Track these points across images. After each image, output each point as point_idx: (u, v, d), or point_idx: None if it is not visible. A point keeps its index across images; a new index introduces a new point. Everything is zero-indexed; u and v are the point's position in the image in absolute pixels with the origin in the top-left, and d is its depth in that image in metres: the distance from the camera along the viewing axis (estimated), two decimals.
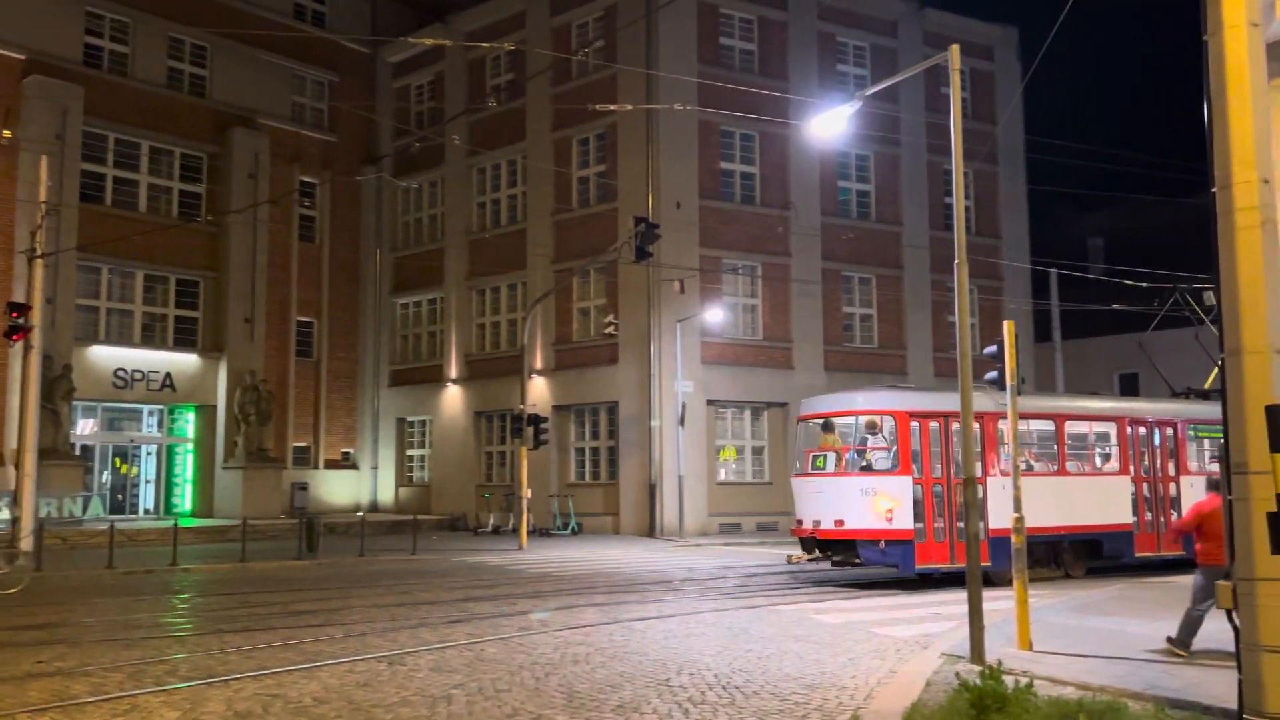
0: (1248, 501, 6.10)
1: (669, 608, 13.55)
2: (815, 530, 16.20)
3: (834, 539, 15.95)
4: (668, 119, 29.36)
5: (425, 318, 36.55)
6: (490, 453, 33.63)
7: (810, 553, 16.64)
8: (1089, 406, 18.81)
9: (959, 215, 10.11)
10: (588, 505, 29.98)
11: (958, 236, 10.05)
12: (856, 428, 16.65)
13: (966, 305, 10.00)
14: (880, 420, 16.22)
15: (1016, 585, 10.19)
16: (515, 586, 16.29)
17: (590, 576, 17.91)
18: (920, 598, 14.81)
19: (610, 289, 30.19)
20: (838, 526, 15.68)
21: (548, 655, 10.05)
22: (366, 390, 37.22)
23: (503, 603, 14.15)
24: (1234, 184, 6.30)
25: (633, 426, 28.93)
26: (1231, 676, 8.94)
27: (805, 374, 31.13)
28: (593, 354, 30.43)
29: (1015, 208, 36.29)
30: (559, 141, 31.87)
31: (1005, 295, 35.57)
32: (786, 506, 30.54)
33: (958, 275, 10.05)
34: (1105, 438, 18.33)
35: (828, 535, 16.00)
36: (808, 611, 13.20)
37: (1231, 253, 6.28)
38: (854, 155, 33.25)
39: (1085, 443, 18.22)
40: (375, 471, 36.90)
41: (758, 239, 30.74)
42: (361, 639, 11.05)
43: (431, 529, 31.56)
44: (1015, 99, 36.15)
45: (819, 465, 16.38)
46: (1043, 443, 17.59)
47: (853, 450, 16.43)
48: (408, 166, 36.81)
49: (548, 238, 31.70)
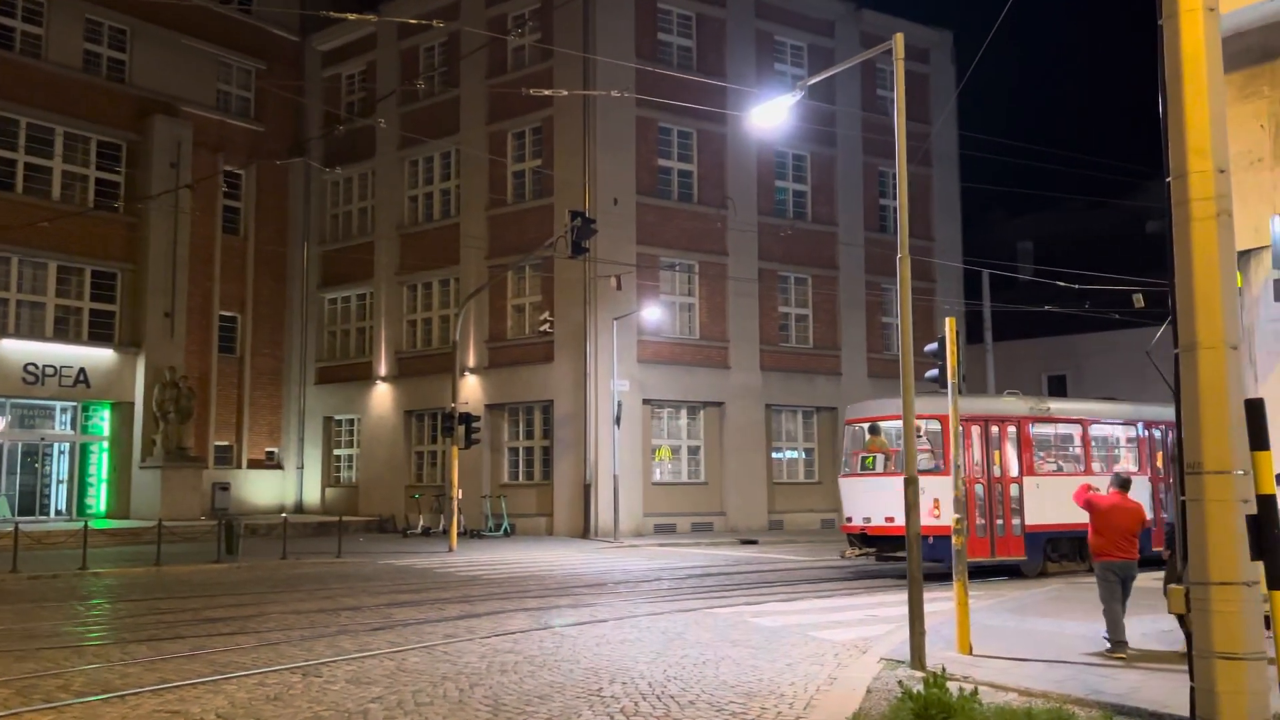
0: (1202, 503, 5.87)
1: (602, 612, 13.13)
2: (865, 526, 17.35)
3: (883, 535, 17.02)
4: (605, 114, 28.96)
5: (354, 313, 35.63)
6: (421, 452, 32.87)
7: (858, 548, 17.62)
8: (1110, 411, 19.97)
9: (902, 205, 9.87)
10: (521, 506, 29.43)
11: (901, 228, 9.81)
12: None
13: (909, 300, 9.77)
14: (925, 424, 16.87)
15: (956, 588, 9.98)
16: (443, 591, 15.73)
17: (522, 579, 17.42)
18: (858, 599, 14.60)
19: (546, 286, 29.67)
20: (888, 523, 16.75)
21: (474, 665, 9.57)
22: (292, 388, 36.17)
23: (428, 608, 13.59)
24: (1189, 173, 6.07)
25: (568, 426, 28.46)
26: (1173, 680, 8.81)
27: (741, 373, 30.96)
28: (527, 352, 29.88)
29: (949, 210, 36.58)
30: (494, 134, 31.26)
31: (938, 296, 35.80)
32: (722, 507, 30.47)
33: (900, 270, 9.80)
34: (1126, 440, 19.74)
35: (877, 531, 17.15)
36: (744, 615, 12.89)
37: (1186, 244, 6.05)
38: (791, 155, 33.18)
39: (1107, 444, 19.63)
40: (301, 471, 35.87)
41: (695, 237, 30.48)
42: (275, 648, 10.44)
43: (359, 531, 30.74)
44: (950, 104, 36.44)
45: (868, 465, 17.68)
46: (1071, 445, 18.96)
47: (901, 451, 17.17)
48: (337, 158, 35.83)
49: (482, 232, 31.07)
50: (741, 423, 30.74)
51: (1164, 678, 8.91)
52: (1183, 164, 6.11)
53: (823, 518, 32.33)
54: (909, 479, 9.48)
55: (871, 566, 18.67)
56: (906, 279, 9.76)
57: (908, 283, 9.76)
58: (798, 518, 31.76)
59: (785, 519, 31.47)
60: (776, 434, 32.13)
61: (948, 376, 10.27)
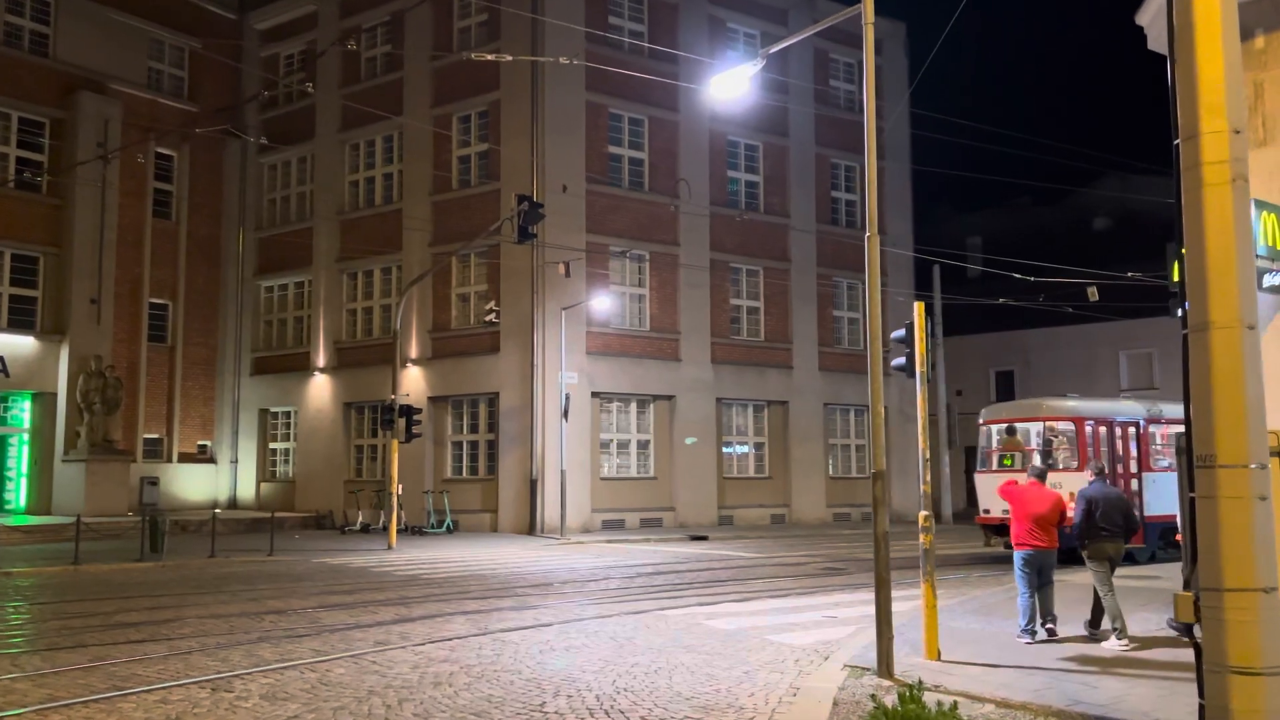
0: (1215, 500, 5.27)
1: (547, 615, 12.36)
2: (1003, 518, 17.95)
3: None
4: (554, 98, 28.11)
5: (291, 302, 34.37)
6: (360, 446, 31.77)
7: (994, 538, 18.94)
8: None
9: (871, 183, 9.22)
10: (465, 502, 28.51)
11: (870, 203, 9.15)
12: (1039, 431, 19.26)
13: (877, 282, 9.13)
14: (1060, 425, 18.97)
15: (924, 589, 9.37)
16: (378, 592, 14.84)
17: (463, 579, 16.57)
18: (815, 599, 13.99)
19: (492, 275, 28.76)
20: None
21: (405, 676, 8.75)
22: (226, 379, 34.82)
23: (361, 611, 12.71)
24: (1201, 134, 5.45)
25: (513, 419, 27.60)
26: (1156, 687, 8.29)
27: (692, 366, 30.33)
28: (472, 343, 28.95)
29: (900, 203, 36.24)
30: (439, 118, 30.24)
31: (890, 289, 35.45)
32: (671, 502, 29.82)
33: (869, 249, 9.16)
34: None
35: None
36: (697, 617, 12.20)
37: (1198, 212, 5.44)
38: (743, 145, 32.59)
39: None
40: (235, 466, 34.55)
41: (646, 227, 29.76)
42: (187, 659, 9.53)
43: (295, 528, 29.59)
44: (903, 103, 36.12)
45: (1006, 463, 18.86)
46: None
47: (1039, 450, 18.74)
48: (275, 140, 34.41)
49: (425, 218, 30.04)
50: (692, 417, 30.11)
51: (1148, 685, 8.39)
52: (1194, 124, 5.50)
53: (772, 513, 31.86)
54: (876, 473, 8.86)
55: (827, 565, 18.10)
56: (875, 259, 9.13)
57: (876, 264, 9.13)
58: (747, 513, 31.23)
59: (735, 514, 30.92)
60: (727, 428, 31.56)
61: (915, 365, 9.65)
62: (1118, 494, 11.00)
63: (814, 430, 33.00)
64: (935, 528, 9.38)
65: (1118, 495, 10.91)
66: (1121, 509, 10.57)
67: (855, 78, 35.78)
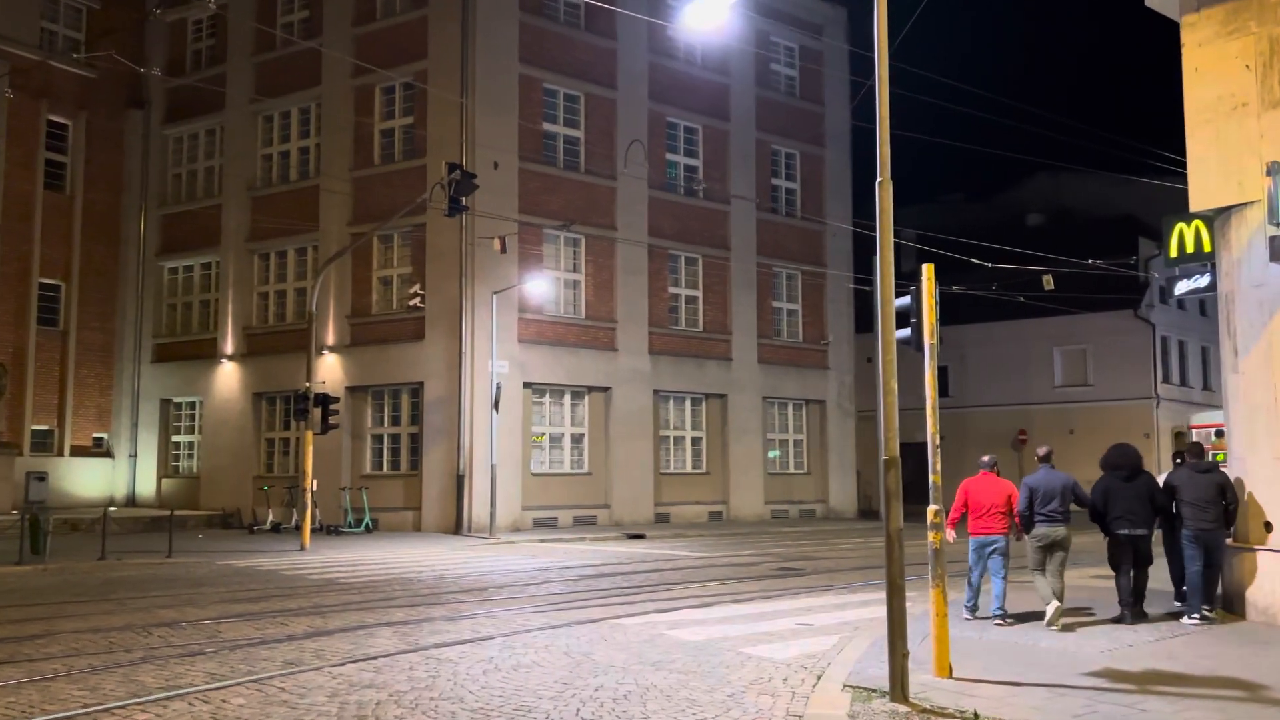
0: None
1: (487, 625, 10.79)
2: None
3: None
4: (485, 70, 26.41)
5: (198, 284, 31.98)
6: (272, 439, 29.60)
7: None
8: None
9: (883, 118, 7.86)
10: (385, 499, 26.64)
11: (880, 141, 7.80)
12: None
13: (890, 234, 7.76)
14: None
15: (934, 596, 8.06)
16: (289, 599, 13.08)
17: (386, 584, 14.87)
18: (782, 604, 12.64)
19: (417, 256, 26.93)
20: None
21: (321, 707, 7.14)
22: (125, 366, 32.27)
23: (268, 623, 10.98)
24: None
25: (439, 411, 25.83)
26: (1209, 710, 7.12)
27: (629, 357, 28.90)
28: (395, 329, 27.08)
29: (840, 192, 35.30)
30: (360, 89, 28.28)
31: (829, 283, 34.58)
32: (606, 499, 28.34)
33: (880, 196, 7.80)
34: None
35: None
36: (658, 626, 10.76)
37: None
38: (682, 127, 31.27)
39: None
40: (134, 460, 32.03)
41: (582, 209, 28.20)
42: (46, 687, 7.76)
43: (199, 527, 27.36)
44: (844, 90, 35.22)
45: (1219, 459, 19.98)
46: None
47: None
48: (182, 111, 32.14)
49: (345, 195, 28.05)
50: (628, 409, 28.68)
51: (1201, 709, 7.19)
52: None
53: (710, 510, 30.61)
54: (889, 460, 7.53)
55: (781, 565, 16.84)
56: (888, 208, 7.77)
57: (889, 212, 7.78)
58: (685, 510, 29.93)
59: (672, 512, 29.59)
60: (664, 422, 30.21)
61: (923, 336, 8.34)
62: (1003, 483, 11.18)
63: (752, 425, 31.84)
64: (875, 525, 8.18)
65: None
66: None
67: (794, 60, 34.74)
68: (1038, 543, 10.82)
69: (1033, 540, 10.87)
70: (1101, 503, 11.06)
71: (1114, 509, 10.98)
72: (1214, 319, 41.39)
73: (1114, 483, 11.06)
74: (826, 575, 16.06)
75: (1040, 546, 10.80)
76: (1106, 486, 11.08)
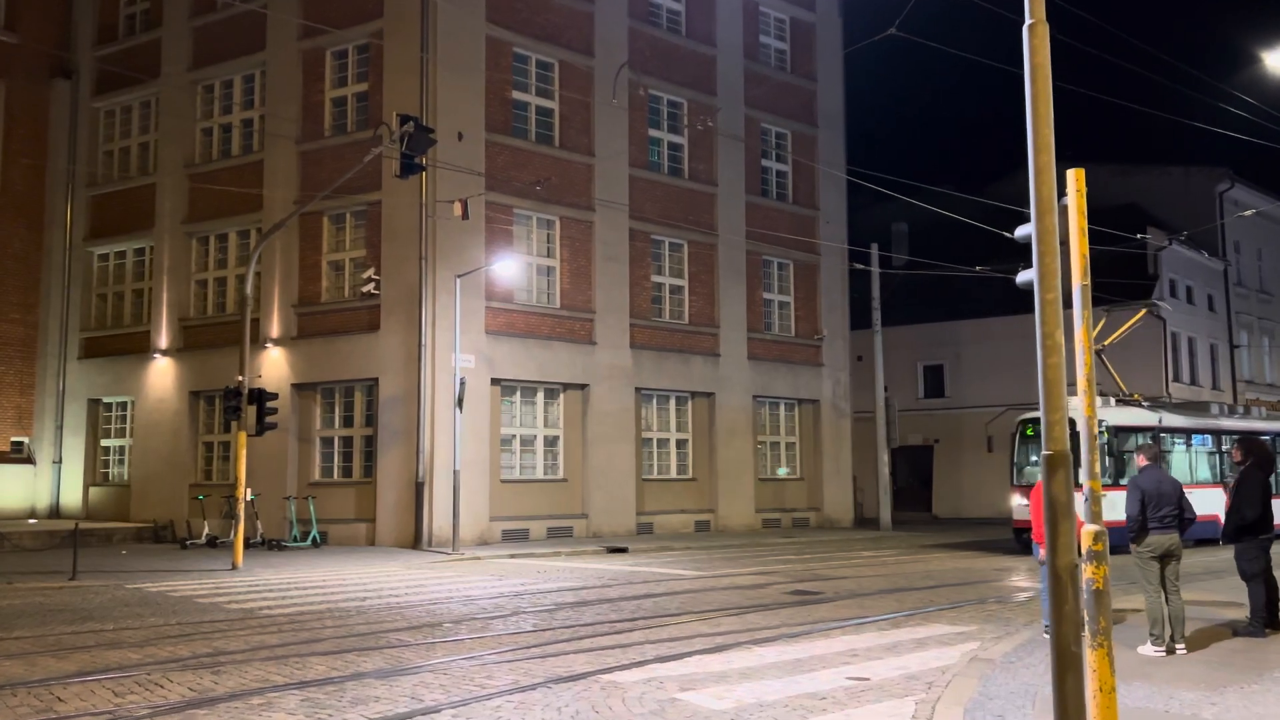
0: None
1: (434, 688, 7.99)
2: None
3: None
4: (448, 30, 23.64)
5: (130, 271, 28.89)
6: (210, 444, 26.59)
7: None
8: None
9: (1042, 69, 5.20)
10: (336, 509, 23.73)
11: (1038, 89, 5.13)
12: None
13: (1047, 91, 5.10)
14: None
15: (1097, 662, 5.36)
16: (184, 643, 10.22)
17: (316, 618, 12.04)
18: (814, 646, 9.91)
19: (371, 237, 24.08)
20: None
21: None
22: (49, 363, 29.10)
23: (135, 684, 8.12)
24: None
25: (396, 410, 22.98)
26: None
27: (609, 351, 26.17)
28: (346, 319, 24.22)
29: (834, 177, 32.74)
30: (308, 53, 25.41)
31: (823, 272, 32.04)
32: (583, 508, 25.58)
33: (1030, 42, 5.14)
34: None
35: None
36: (666, 685, 8.01)
37: None
38: (666, 101, 28.61)
39: None
40: (58, 467, 28.86)
41: (557, 188, 25.47)
42: None
43: (125, 541, 24.34)
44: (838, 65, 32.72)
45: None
46: None
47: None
48: (112, 81, 29.04)
49: (291, 171, 25.13)
50: (608, 409, 25.94)
51: None
52: None
53: (697, 519, 27.92)
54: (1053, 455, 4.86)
55: (794, 588, 14.16)
56: (1042, 60, 5.12)
57: (1044, 65, 5.12)
58: (669, 520, 27.22)
59: (655, 522, 26.88)
60: (647, 423, 27.49)
61: (1072, 276, 5.67)
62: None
63: (742, 426, 29.18)
64: (876, 535, 5.66)
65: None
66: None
67: (787, 34, 32.21)
68: (1150, 553, 9.34)
69: (1144, 551, 9.38)
70: (1260, 505, 9.45)
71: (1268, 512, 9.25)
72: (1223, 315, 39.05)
73: (1262, 481, 9.09)
74: (853, 602, 13.39)
75: (1153, 557, 9.33)
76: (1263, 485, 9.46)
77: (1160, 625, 9.11)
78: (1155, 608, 9.14)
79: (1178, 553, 9.38)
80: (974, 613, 12.30)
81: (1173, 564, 9.35)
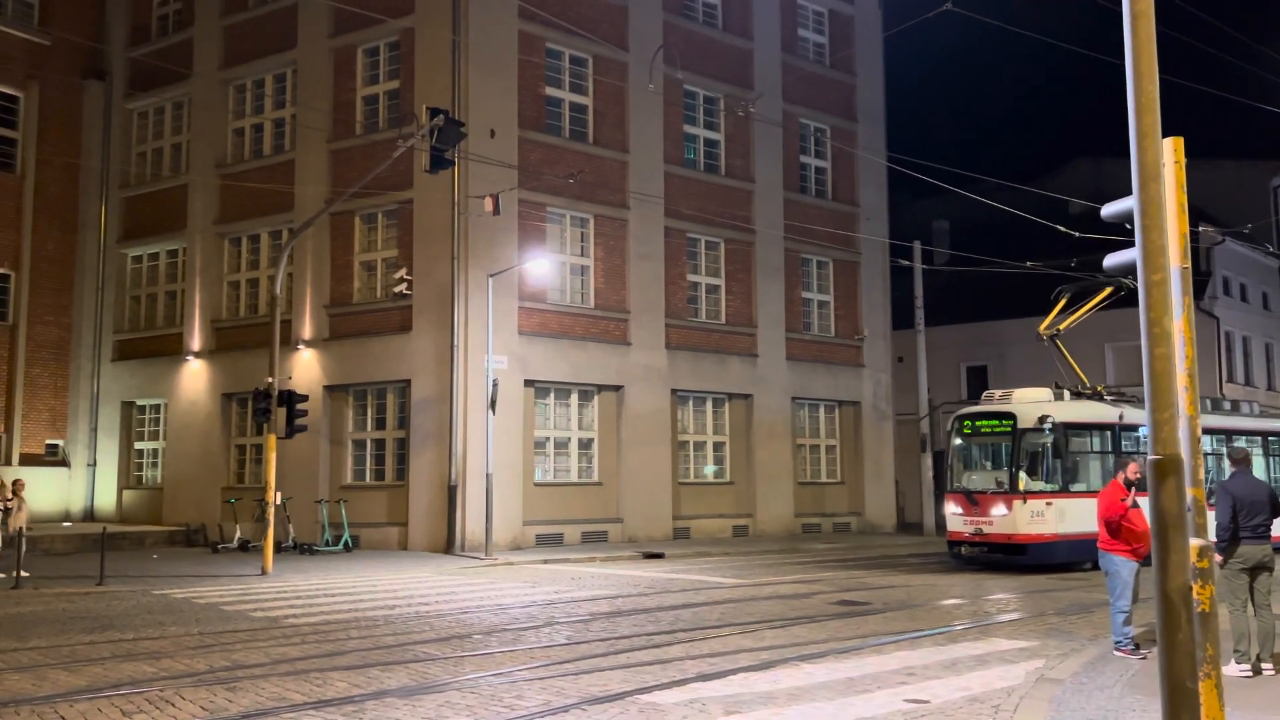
0: None
1: (459, 710, 7.45)
2: None
3: None
4: (479, 27, 23.21)
5: (163, 273, 28.74)
6: (242, 446, 26.34)
7: None
8: None
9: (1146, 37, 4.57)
10: (368, 513, 23.35)
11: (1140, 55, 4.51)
12: None
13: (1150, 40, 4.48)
14: None
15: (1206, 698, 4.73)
16: (205, 653, 9.78)
17: (341, 627, 11.57)
18: (868, 664, 9.29)
19: (403, 237, 23.69)
20: None
21: None
22: (83, 365, 29.03)
23: (145, 700, 7.66)
24: None
25: (429, 412, 22.56)
26: None
27: (644, 352, 25.60)
28: (378, 320, 23.85)
29: (874, 170, 31.94)
30: (339, 51, 25.09)
31: (863, 271, 31.27)
32: (618, 512, 25.04)
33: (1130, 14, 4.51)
34: None
35: None
36: (710, 709, 7.41)
37: None
38: (702, 96, 28.01)
39: None
40: (92, 469, 28.77)
41: (590, 186, 24.94)
42: None
43: (158, 544, 24.13)
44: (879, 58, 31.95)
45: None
46: None
47: None
48: (144, 82, 28.94)
49: (322, 171, 24.82)
50: (643, 410, 25.37)
51: None
52: None
53: (735, 524, 27.27)
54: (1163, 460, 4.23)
55: (840, 598, 13.50)
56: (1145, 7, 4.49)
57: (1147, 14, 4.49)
58: (706, 525, 26.59)
59: (692, 526, 26.26)
60: (683, 425, 26.89)
61: (1172, 256, 5.04)
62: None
63: (780, 428, 28.48)
64: (920, 540, 5.13)
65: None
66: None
67: (826, 27, 31.51)
68: (1241, 564, 8.69)
69: (1234, 563, 8.69)
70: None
71: None
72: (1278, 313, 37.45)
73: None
74: (905, 614, 12.71)
75: (1244, 569, 8.70)
76: None
77: (1246, 641, 8.43)
78: (1241, 623, 8.52)
79: (1270, 564, 8.76)
80: (1034, 626, 11.60)
81: (1263, 576, 8.72)
